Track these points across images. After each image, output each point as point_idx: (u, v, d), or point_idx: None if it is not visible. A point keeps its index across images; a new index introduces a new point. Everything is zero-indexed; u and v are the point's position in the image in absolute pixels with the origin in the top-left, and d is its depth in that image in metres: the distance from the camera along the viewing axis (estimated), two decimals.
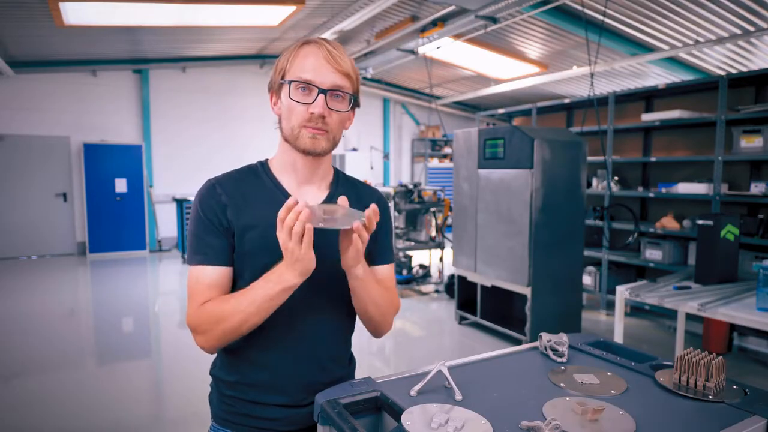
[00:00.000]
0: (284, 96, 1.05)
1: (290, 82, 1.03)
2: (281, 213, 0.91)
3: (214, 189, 1.08)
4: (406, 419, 0.87)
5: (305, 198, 1.09)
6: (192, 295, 1.05)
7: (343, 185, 1.18)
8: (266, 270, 0.99)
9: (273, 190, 1.11)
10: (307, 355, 1.11)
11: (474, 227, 4.48)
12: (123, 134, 8.61)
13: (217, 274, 1.05)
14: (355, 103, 1.09)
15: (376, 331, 1.18)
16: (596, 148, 5.43)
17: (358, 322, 1.20)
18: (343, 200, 0.98)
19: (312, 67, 1.02)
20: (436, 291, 6.22)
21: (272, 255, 0.99)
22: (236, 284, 1.08)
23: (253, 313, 0.98)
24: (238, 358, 1.11)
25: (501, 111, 6.77)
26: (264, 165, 1.15)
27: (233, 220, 1.06)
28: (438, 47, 6.70)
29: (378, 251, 1.18)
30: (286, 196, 1.07)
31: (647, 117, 4.88)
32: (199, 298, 1.04)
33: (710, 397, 0.98)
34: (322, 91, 1.02)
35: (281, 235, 0.91)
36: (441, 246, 6.22)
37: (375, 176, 10.55)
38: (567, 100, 5.78)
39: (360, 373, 1.19)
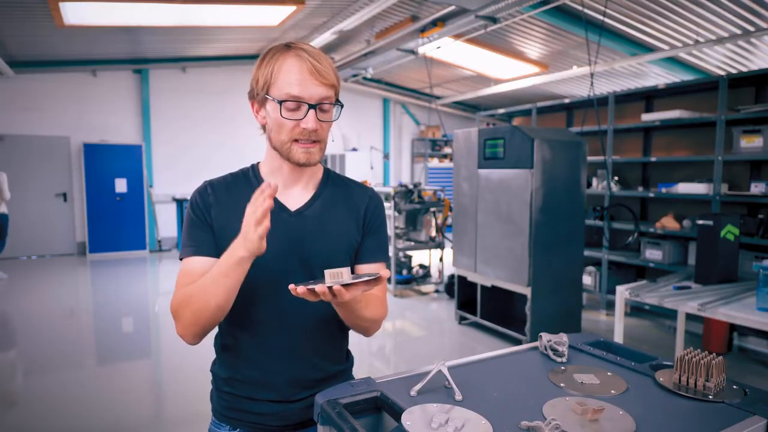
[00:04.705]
0: (271, 110, 1.06)
1: (281, 102, 1.03)
2: (256, 192, 0.92)
3: (206, 190, 1.13)
4: (406, 419, 0.87)
5: (289, 198, 1.13)
6: (177, 284, 1.08)
7: (332, 185, 1.20)
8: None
9: None
10: (295, 352, 1.12)
11: (474, 227, 4.48)
12: (123, 134, 8.61)
13: (205, 263, 1.07)
14: (339, 105, 1.10)
15: (363, 334, 1.20)
16: (596, 148, 5.43)
17: None
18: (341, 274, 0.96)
19: (298, 82, 1.02)
20: (436, 291, 6.22)
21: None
22: None
23: (213, 291, 0.99)
24: (230, 355, 1.15)
25: (501, 111, 6.78)
26: (255, 168, 1.18)
27: (215, 219, 1.10)
28: (438, 47, 6.70)
29: (369, 247, 1.18)
30: None
31: (647, 117, 4.88)
32: (183, 285, 1.06)
33: (710, 397, 0.98)
34: (312, 106, 1.03)
35: (247, 210, 0.93)
36: (441, 246, 6.21)
37: (375, 176, 10.54)
38: (567, 100, 5.78)
39: (360, 373, 1.19)
